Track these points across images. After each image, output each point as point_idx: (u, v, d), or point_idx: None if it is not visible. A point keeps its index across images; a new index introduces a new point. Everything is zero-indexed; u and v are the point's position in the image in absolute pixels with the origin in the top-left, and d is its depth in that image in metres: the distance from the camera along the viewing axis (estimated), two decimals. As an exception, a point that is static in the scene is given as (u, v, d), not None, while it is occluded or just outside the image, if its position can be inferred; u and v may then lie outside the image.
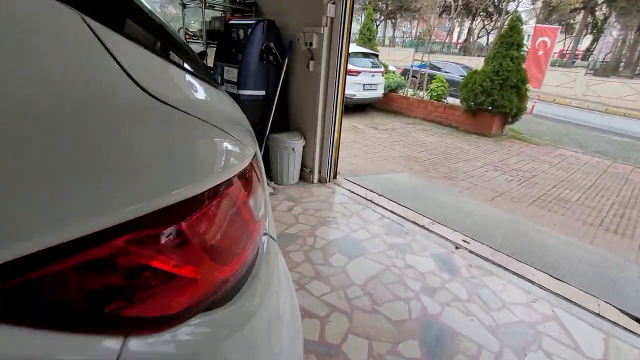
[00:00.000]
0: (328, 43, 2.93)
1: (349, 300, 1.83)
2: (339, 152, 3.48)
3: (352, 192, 3.25)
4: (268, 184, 3.20)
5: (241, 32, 3.06)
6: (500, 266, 2.25)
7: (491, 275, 2.15)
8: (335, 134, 3.29)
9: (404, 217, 2.82)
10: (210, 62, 3.38)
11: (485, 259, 2.31)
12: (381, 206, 2.99)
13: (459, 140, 6.30)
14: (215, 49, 3.35)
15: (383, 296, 1.88)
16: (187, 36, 3.61)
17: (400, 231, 2.60)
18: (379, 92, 7.96)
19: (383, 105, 8.55)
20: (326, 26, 2.86)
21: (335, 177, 3.52)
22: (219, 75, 3.17)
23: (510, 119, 6.86)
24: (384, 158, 4.78)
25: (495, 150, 5.77)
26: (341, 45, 2.93)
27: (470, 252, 2.39)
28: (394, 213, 2.88)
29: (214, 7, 3.62)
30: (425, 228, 2.67)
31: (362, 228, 2.60)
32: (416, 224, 2.73)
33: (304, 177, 3.43)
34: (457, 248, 2.43)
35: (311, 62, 3.00)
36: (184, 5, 3.55)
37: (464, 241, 2.52)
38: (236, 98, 3.04)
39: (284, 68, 3.10)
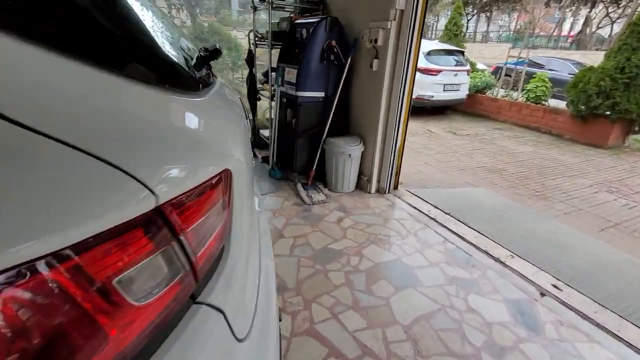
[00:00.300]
0: (395, 39, 2.61)
1: (387, 344, 1.53)
2: (402, 160, 3.11)
3: (414, 206, 2.87)
4: (321, 190, 3.03)
5: (304, 32, 2.95)
6: (606, 330, 1.66)
7: (591, 342, 1.59)
8: (399, 140, 2.94)
9: (473, 245, 2.34)
10: (274, 63, 3.36)
11: (585, 317, 1.74)
12: (446, 227, 2.55)
13: (561, 151, 5.22)
14: (279, 49, 3.31)
15: (431, 346, 1.52)
16: (256, 38, 3.66)
17: (466, 262, 2.16)
18: (461, 93, 7.15)
19: (466, 108, 7.67)
20: (394, 20, 2.54)
21: (396, 187, 3.17)
22: (280, 76, 3.11)
23: (637, 127, 5.43)
24: (460, 168, 4.19)
25: (612, 167, 4.60)
26: (410, 41, 2.58)
27: (563, 303, 1.83)
28: (462, 238, 2.42)
29: (284, 8, 3.59)
30: (501, 262, 2.16)
31: (418, 252, 2.23)
32: (489, 254, 2.23)
33: (361, 185, 3.16)
34: (542, 295, 1.89)
35: (375, 61, 2.72)
36: (254, 8, 3.60)
37: (555, 286, 1.95)
38: (294, 100, 2.94)
39: (346, 68, 2.88)
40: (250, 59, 3.73)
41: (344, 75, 2.90)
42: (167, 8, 4.51)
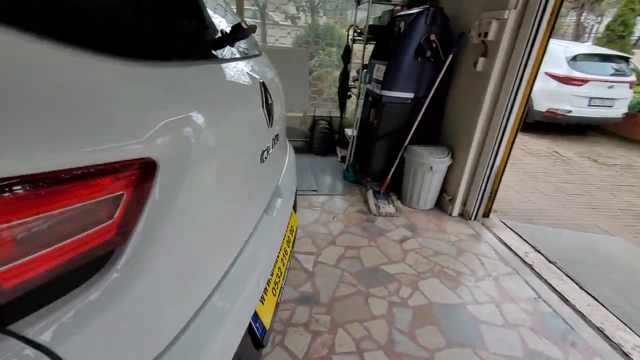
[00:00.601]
0: (513, 33, 2.08)
1: (413, 412, 1.20)
2: (501, 183, 2.52)
3: (505, 243, 2.29)
4: (392, 202, 2.71)
5: (402, 25, 2.65)
6: None
7: None
8: (498, 158, 2.38)
9: (582, 314, 1.70)
10: (367, 59, 3.15)
11: None
12: (545, 280, 1.94)
13: None
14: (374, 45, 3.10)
15: None
16: (355, 34, 3.52)
17: (562, 336, 1.57)
18: (616, 111, 5.55)
19: (620, 130, 5.94)
20: (514, 8, 2.03)
21: (486, 215, 2.60)
22: (369, 73, 2.90)
23: None
24: (591, 206, 3.22)
25: None
26: (533, 36, 2.02)
27: None
28: (565, 300, 1.79)
29: (389, 0, 3.34)
30: (625, 353, 1.49)
31: (492, 303, 1.74)
32: (605, 336, 1.58)
33: (442, 205, 2.71)
34: None
35: (481, 59, 2.24)
36: (358, 2, 3.45)
37: None
38: (378, 99, 2.69)
39: (445, 66, 2.47)
40: (346, 55, 3.62)
41: (441, 75, 2.49)
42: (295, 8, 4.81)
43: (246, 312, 0.77)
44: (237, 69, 0.84)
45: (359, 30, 3.51)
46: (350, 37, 3.55)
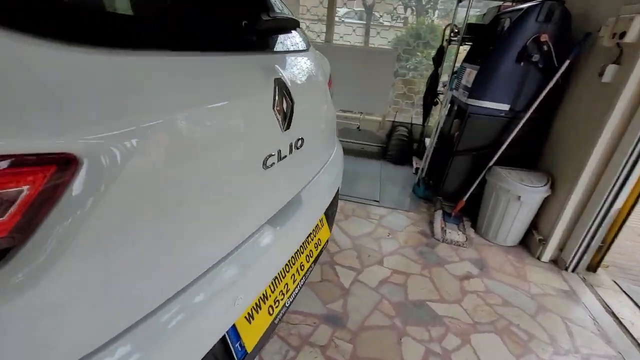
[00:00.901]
0: (669, 31, 1.51)
1: None
2: (620, 231, 1.90)
3: (612, 312, 1.71)
4: (464, 229, 2.32)
5: (507, 23, 2.22)
6: None
7: None
8: (621, 199, 1.79)
9: None
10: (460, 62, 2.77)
11: None
12: (669, 381, 1.37)
13: None
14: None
15: None
16: (451, 34, 3.13)
17: None
18: None
19: None
20: (676, -3, 1.46)
21: (592, 269, 2.01)
22: (457, 78, 2.53)
23: None
24: None
25: None
26: None
27: None
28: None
29: (500, -5, 2.86)
30: None
31: (572, 391, 1.30)
32: None
33: (528, 244, 2.20)
34: None
35: (610, 67, 1.69)
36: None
37: None
38: (464, 109, 2.32)
39: (558, 74, 1.97)
40: (439, 57, 3.26)
41: (550, 85, 2.00)
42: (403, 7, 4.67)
43: (205, 337, 0.69)
44: (238, 63, 0.76)
45: (456, 30, 3.12)
46: (446, 37, 3.18)
